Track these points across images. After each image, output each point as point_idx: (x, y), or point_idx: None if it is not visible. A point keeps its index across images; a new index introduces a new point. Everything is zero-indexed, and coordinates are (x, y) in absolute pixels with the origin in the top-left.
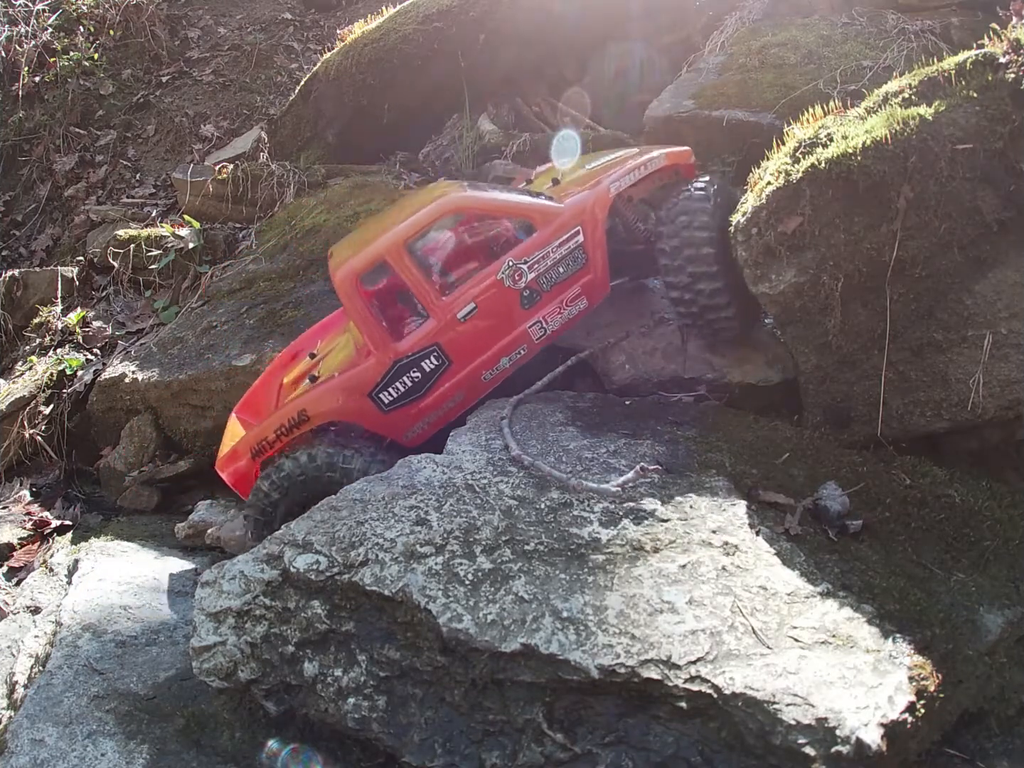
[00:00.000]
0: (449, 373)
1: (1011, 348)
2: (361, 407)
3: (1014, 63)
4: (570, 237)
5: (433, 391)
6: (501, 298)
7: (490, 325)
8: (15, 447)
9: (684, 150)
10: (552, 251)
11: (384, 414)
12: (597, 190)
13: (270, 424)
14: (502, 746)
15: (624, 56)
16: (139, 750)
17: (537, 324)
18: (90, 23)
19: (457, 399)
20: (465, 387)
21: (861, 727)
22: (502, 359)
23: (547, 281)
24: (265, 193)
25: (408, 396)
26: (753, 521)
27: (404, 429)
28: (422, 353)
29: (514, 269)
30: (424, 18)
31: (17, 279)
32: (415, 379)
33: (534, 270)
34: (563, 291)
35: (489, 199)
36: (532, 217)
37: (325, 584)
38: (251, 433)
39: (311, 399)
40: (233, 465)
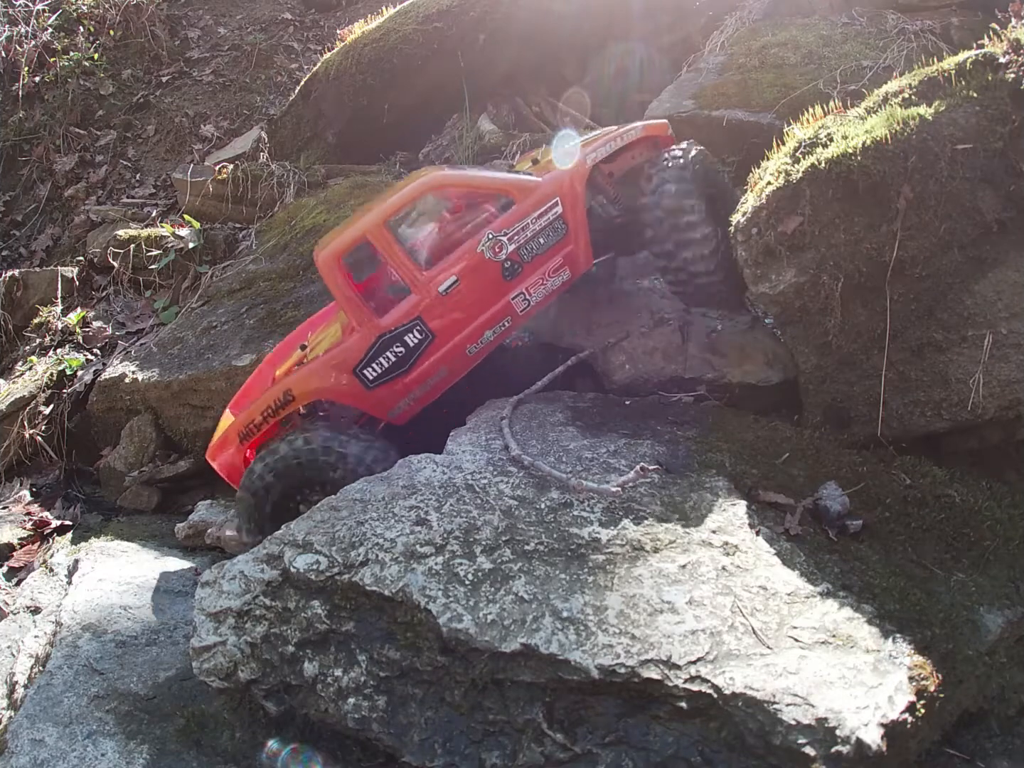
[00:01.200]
0: (433, 347)
1: (1011, 348)
2: (346, 384)
3: (1014, 63)
4: (549, 208)
5: (417, 366)
6: (483, 270)
7: (472, 298)
8: (15, 447)
9: (661, 122)
10: (532, 222)
11: (369, 391)
12: (574, 161)
13: (257, 407)
14: (502, 746)
15: (624, 56)
16: (139, 750)
17: (520, 296)
18: (90, 23)
19: (441, 374)
20: (449, 361)
21: (861, 727)
22: (486, 332)
23: (528, 252)
24: (265, 193)
25: (392, 371)
26: (753, 521)
27: (389, 406)
28: (405, 327)
29: (494, 241)
30: (424, 18)
31: (17, 279)
32: (399, 354)
33: (514, 241)
34: (545, 262)
35: (467, 175)
36: (510, 191)
37: (325, 584)
38: (239, 418)
39: (296, 379)
40: (223, 452)
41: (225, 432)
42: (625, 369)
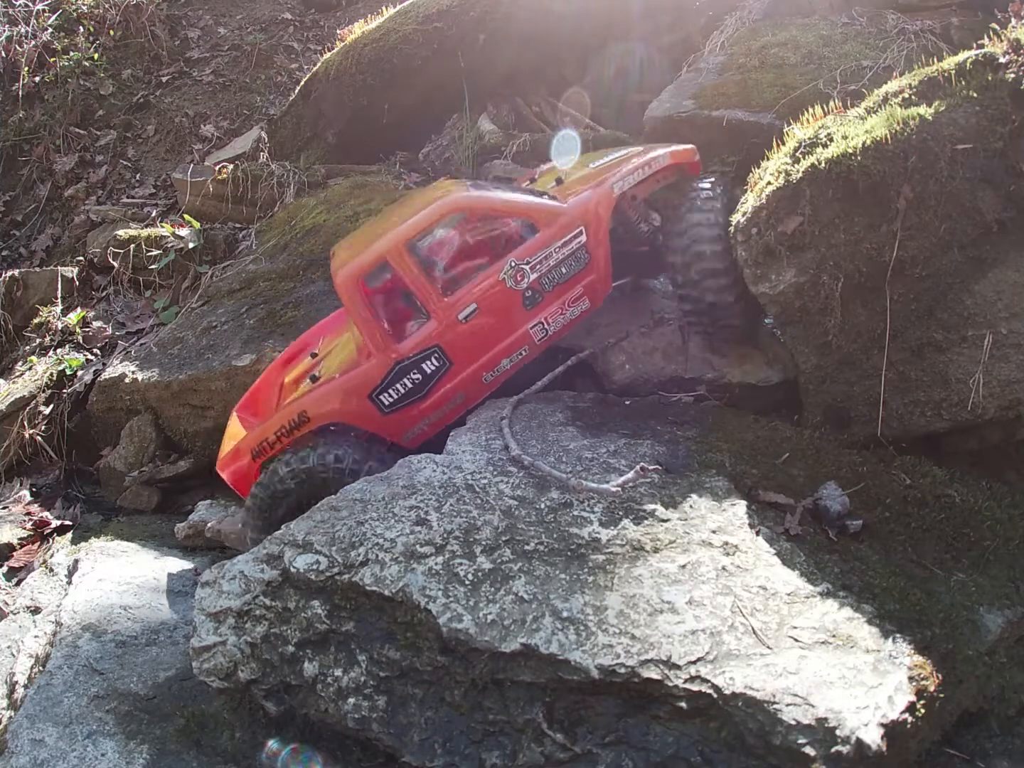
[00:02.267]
0: (450, 375)
1: (1011, 348)
2: (361, 409)
3: (1014, 63)
4: (573, 237)
5: (433, 393)
6: (503, 299)
7: (491, 326)
8: (15, 447)
9: (688, 148)
10: (555, 251)
11: (384, 416)
12: (600, 190)
13: (271, 425)
14: (502, 746)
15: (624, 56)
16: (139, 750)
17: (539, 325)
18: (90, 23)
19: (457, 401)
20: (465, 389)
21: (861, 727)
22: (503, 360)
23: (549, 282)
24: (265, 193)
25: (408, 398)
26: (753, 521)
27: (404, 431)
28: (423, 355)
29: (516, 269)
30: (424, 18)
31: (17, 279)
32: (415, 381)
33: (536, 270)
34: (565, 292)
35: (491, 199)
36: (535, 217)
37: (325, 584)
38: (252, 434)
39: (312, 400)
40: (234, 465)
41: (237, 447)
42: (625, 369)
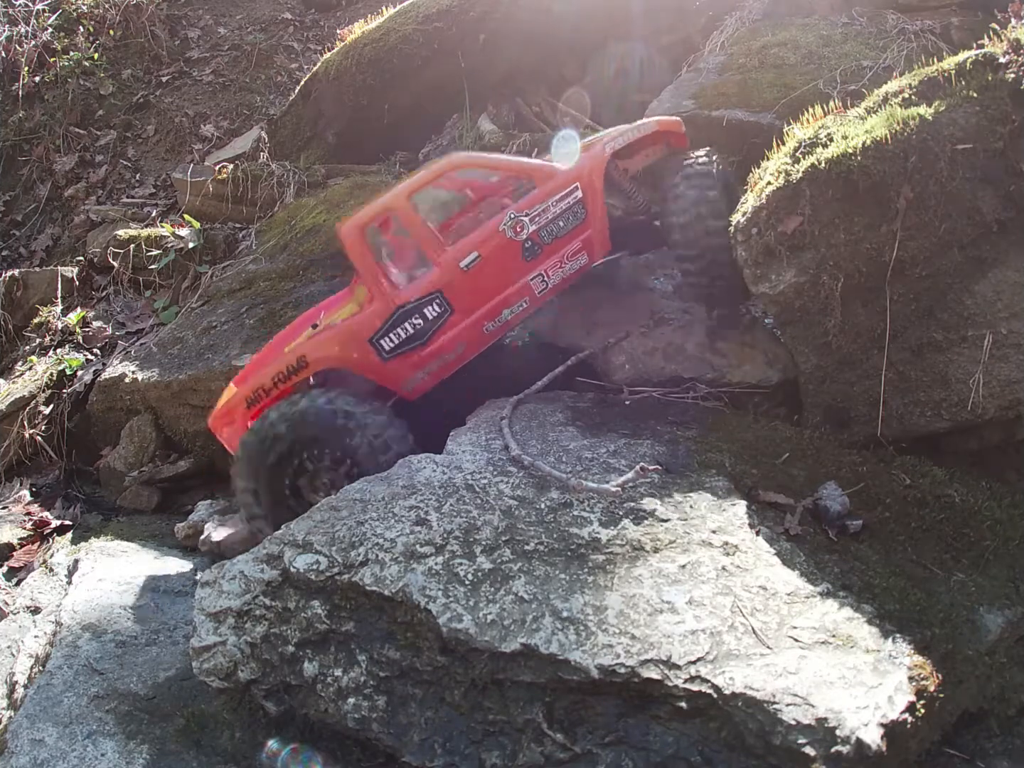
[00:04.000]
0: (451, 321)
1: (1011, 348)
2: (361, 353)
3: (1014, 63)
4: (569, 192)
5: (435, 339)
6: (503, 249)
7: (492, 275)
8: (15, 447)
9: (674, 120)
10: (552, 205)
11: (384, 362)
12: (593, 151)
13: (268, 372)
14: (502, 746)
15: (624, 56)
16: (139, 750)
17: (539, 277)
18: (90, 23)
19: (458, 350)
20: (467, 338)
21: (861, 727)
22: (504, 311)
23: (548, 234)
24: (265, 193)
25: (409, 343)
26: (753, 521)
27: (403, 378)
28: (424, 300)
29: (515, 221)
30: (424, 18)
31: (17, 279)
32: (417, 326)
33: (535, 222)
34: (564, 245)
35: (490, 157)
36: (532, 174)
37: (325, 584)
38: (246, 384)
39: (311, 345)
40: (228, 419)
41: (230, 399)
42: (625, 369)
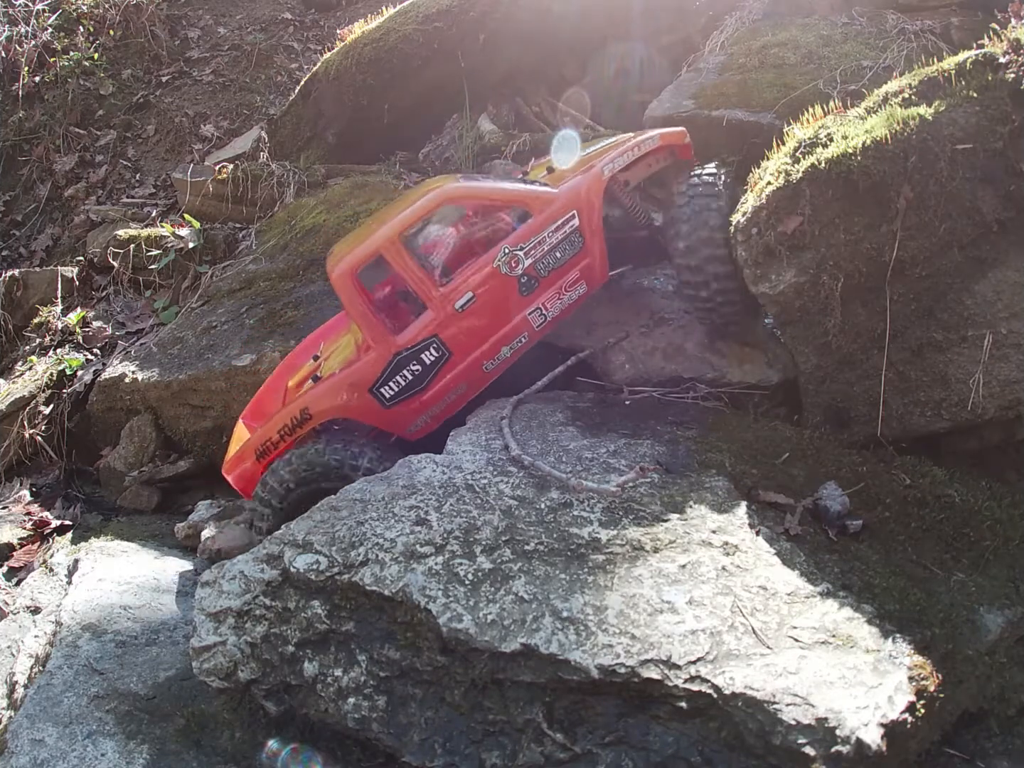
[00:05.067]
0: (450, 365)
1: (1011, 348)
2: (363, 403)
3: (1014, 63)
4: (566, 221)
5: (434, 384)
6: (499, 286)
7: (489, 314)
8: (15, 447)
9: (679, 130)
10: (548, 236)
11: (386, 409)
12: (590, 173)
13: (274, 424)
14: (502, 746)
15: (624, 56)
16: (139, 750)
17: (537, 311)
18: (90, 23)
19: (459, 391)
20: (466, 379)
21: (861, 727)
22: (503, 348)
23: (545, 267)
24: (265, 193)
25: (409, 390)
26: (753, 521)
27: (407, 424)
28: (421, 345)
29: (510, 256)
30: (424, 18)
31: (17, 279)
32: (415, 372)
33: (531, 256)
34: (561, 276)
35: (483, 187)
36: (527, 203)
37: (325, 584)
38: (255, 435)
39: (313, 397)
40: (239, 468)
41: (240, 449)
42: (625, 369)
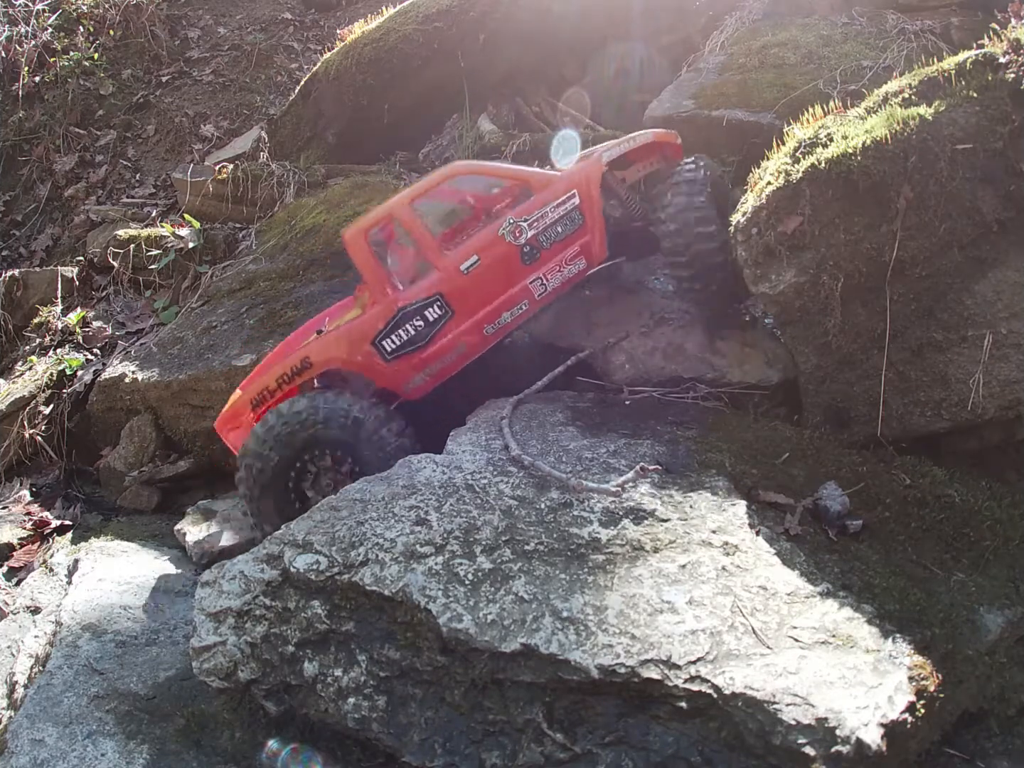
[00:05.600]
0: (452, 323)
1: (1011, 348)
2: (365, 355)
3: (1014, 63)
4: (567, 199)
5: (436, 341)
6: (502, 252)
7: (492, 278)
8: (15, 447)
9: (671, 132)
10: (550, 211)
11: (387, 363)
12: (590, 159)
13: (272, 373)
14: (502, 746)
15: (624, 56)
16: (139, 750)
17: (538, 280)
18: (90, 23)
19: (459, 351)
20: (467, 340)
21: (861, 727)
22: (504, 313)
23: (546, 239)
24: (265, 193)
25: (411, 344)
26: (753, 521)
27: (405, 380)
28: (425, 301)
29: (515, 225)
30: (424, 18)
31: (17, 279)
32: (418, 327)
33: (534, 227)
34: (562, 250)
35: (489, 165)
36: (530, 182)
37: (325, 584)
38: (252, 384)
39: (315, 346)
40: (234, 422)
41: (236, 402)
42: (625, 369)
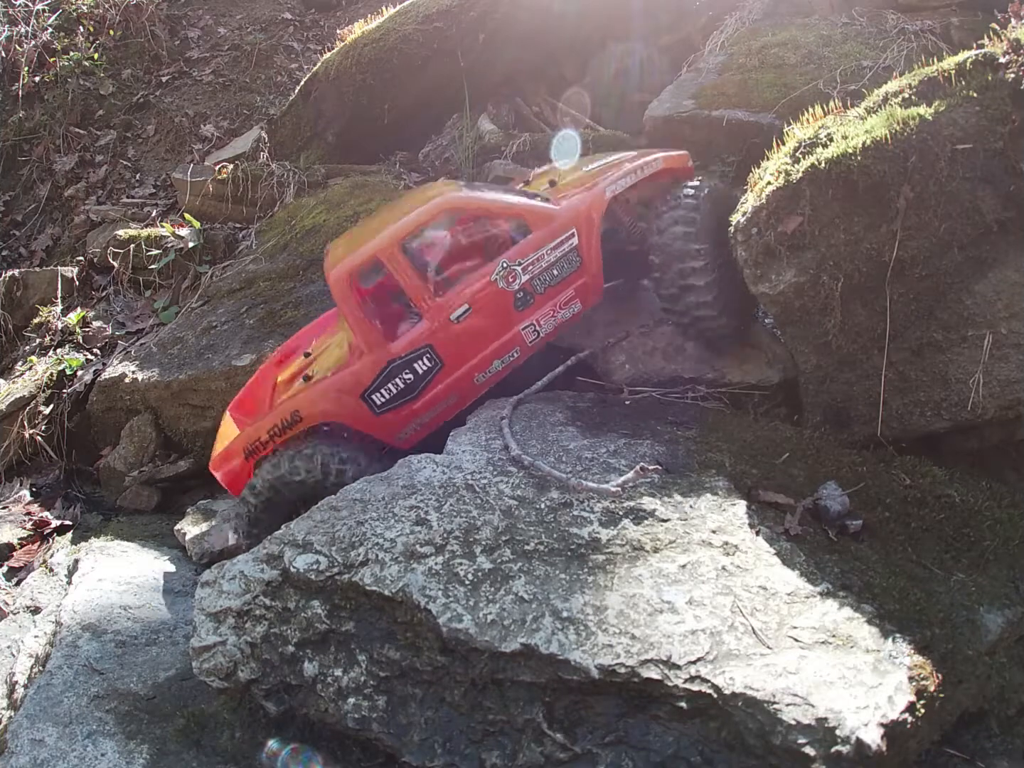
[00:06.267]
0: (442, 375)
1: (1011, 348)
2: (353, 408)
3: (1014, 63)
4: (565, 239)
5: (425, 393)
6: (495, 300)
7: (483, 327)
8: (15, 447)
9: (682, 154)
10: (547, 253)
11: (376, 416)
12: (593, 192)
13: (263, 425)
14: (502, 746)
15: (624, 56)
16: (139, 750)
17: (530, 327)
18: (90, 23)
19: (449, 401)
20: (457, 389)
21: (861, 727)
22: (495, 362)
23: (541, 283)
24: (265, 193)
25: (400, 398)
26: (753, 521)
27: (396, 431)
28: (415, 354)
29: (508, 271)
30: (424, 18)
31: (17, 279)
32: (407, 381)
33: (528, 272)
34: (557, 294)
35: (484, 199)
36: (527, 218)
37: (325, 584)
38: (244, 433)
39: (304, 400)
40: (227, 465)
41: (228, 446)
42: (625, 369)
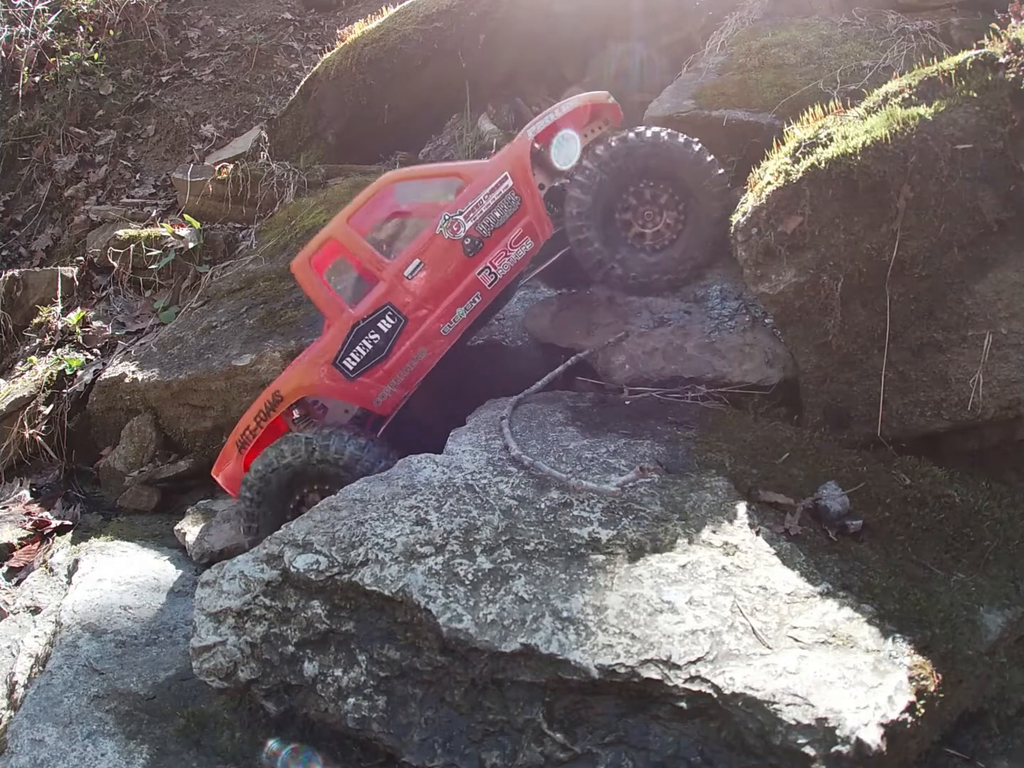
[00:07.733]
0: (407, 331)
1: (1011, 348)
2: (328, 378)
3: (1014, 63)
4: (500, 183)
5: (395, 351)
6: (444, 250)
7: (438, 278)
8: (15, 447)
9: (602, 93)
10: (485, 198)
11: (351, 381)
12: (517, 138)
13: (249, 413)
14: (502, 746)
15: (624, 56)
16: (139, 750)
17: (486, 270)
18: (90, 23)
19: (420, 356)
20: (425, 343)
21: (861, 727)
22: (458, 310)
23: (486, 227)
24: (265, 193)
25: (371, 359)
26: (753, 521)
27: (373, 395)
28: (377, 314)
29: (451, 220)
30: (424, 18)
31: (17, 279)
32: (374, 341)
33: (471, 218)
34: (505, 234)
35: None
36: (462, 174)
37: (325, 584)
38: (235, 428)
39: (281, 379)
40: (225, 465)
41: (225, 446)
42: (625, 369)
